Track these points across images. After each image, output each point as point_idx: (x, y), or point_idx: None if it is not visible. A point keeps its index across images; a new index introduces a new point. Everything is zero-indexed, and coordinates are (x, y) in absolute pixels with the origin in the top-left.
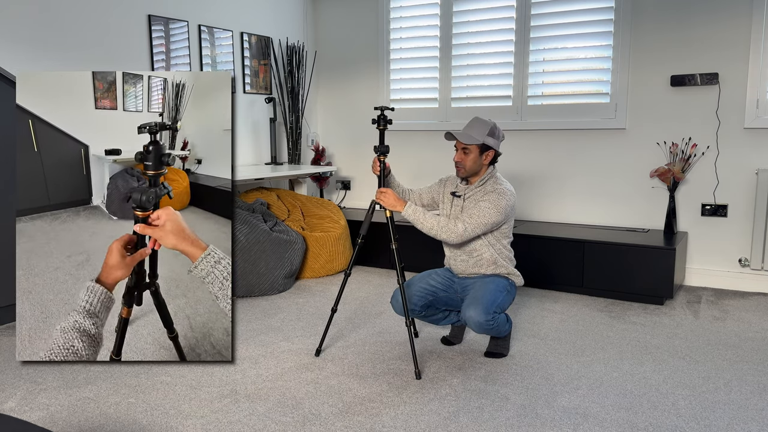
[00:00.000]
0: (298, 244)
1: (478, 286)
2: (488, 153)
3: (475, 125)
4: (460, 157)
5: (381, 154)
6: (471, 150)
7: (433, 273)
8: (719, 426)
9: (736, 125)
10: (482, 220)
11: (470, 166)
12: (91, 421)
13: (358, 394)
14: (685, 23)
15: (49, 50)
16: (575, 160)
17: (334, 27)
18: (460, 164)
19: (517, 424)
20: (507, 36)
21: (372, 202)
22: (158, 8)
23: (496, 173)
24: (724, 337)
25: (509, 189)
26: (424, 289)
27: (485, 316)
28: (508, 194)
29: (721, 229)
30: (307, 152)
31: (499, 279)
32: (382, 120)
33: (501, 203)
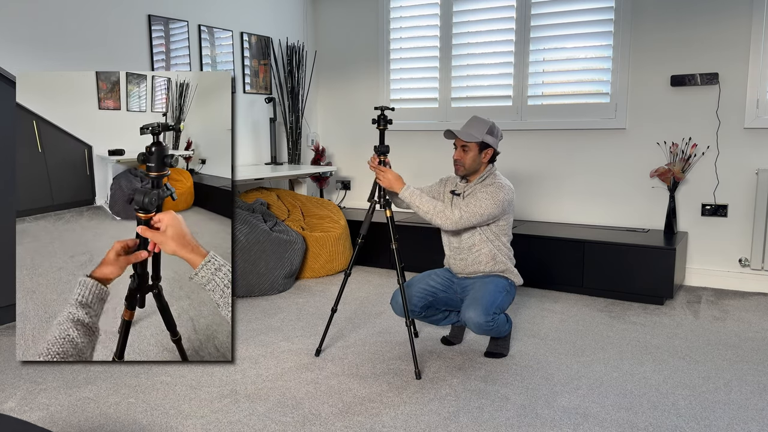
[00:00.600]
0: (298, 244)
1: (477, 287)
2: (487, 151)
3: (474, 123)
4: (459, 155)
5: (381, 154)
6: (470, 148)
7: (433, 274)
8: (719, 426)
9: (736, 125)
10: (479, 210)
11: (469, 163)
12: (91, 421)
13: (358, 394)
14: (685, 23)
15: (49, 50)
16: (575, 160)
17: (334, 27)
18: (459, 162)
19: (517, 424)
20: (507, 36)
21: (372, 201)
22: (158, 8)
23: (495, 171)
24: (724, 337)
25: (508, 184)
26: (424, 290)
27: (485, 317)
28: (506, 188)
29: (721, 229)
30: (307, 152)
31: (498, 279)
32: (382, 120)
33: (499, 196)
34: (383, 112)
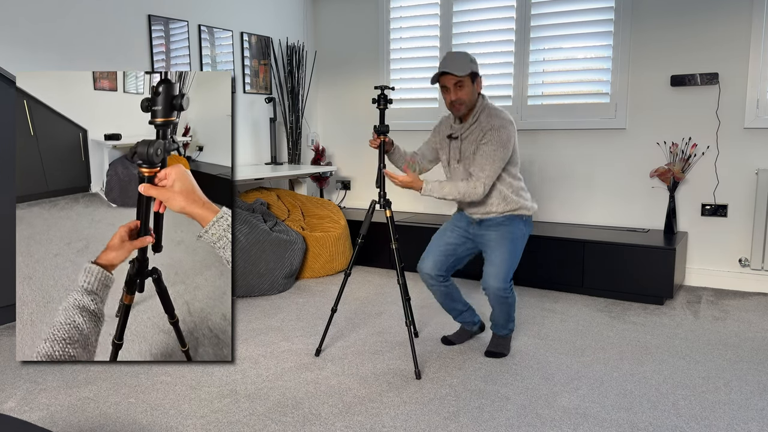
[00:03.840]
0: (298, 244)
1: (494, 245)
2: (478, 79)
3: (456, 58)
4: (456, 94)
5: (381, 133)
6: (464, 83)
7: (447, 230)
8: (719, 426)
9: (736, 125)
10: (494, 165)
11: (469, 98)
12: (91, 421)
13: (358, 394)
14: (685, 23)
15: (49, 50)
16: (575, 160)
17: (334, 27)
18: (458, 101)
19: (517, 424)
20: (507, 36)
21: (372, 201)
22: (158, 8)
23: (486, 102)
24: (724, 337)
25: (506, 118)
26: (444, 251)
27: (504, 284)
28: (506, 124)
29: (721, 229)
30: (307, 152)
31: (513, 226)
32: (382, 99)
33: (503, 137)
34: (383, 92)
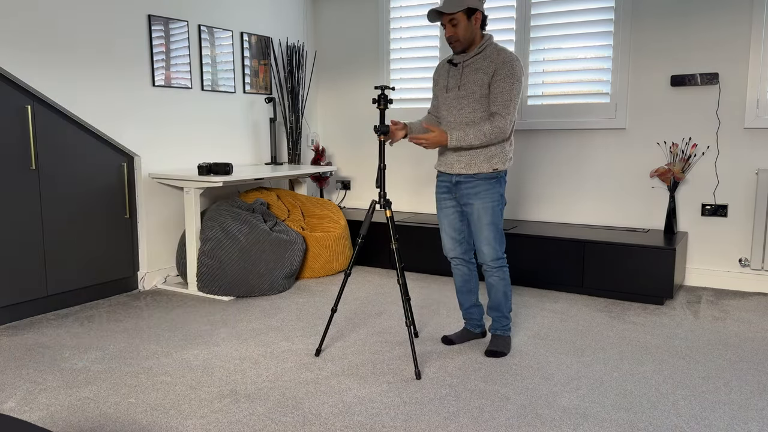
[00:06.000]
0: (298, 244)
1: (477, 221)
2: (476, 16)
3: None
4: (450, 31)
5: (381, 133)
6: (458, 19)
7: (445, 217)
8: (719, 426)
9: (736, 125)
10: (512, 100)
11: (463, 34)
12: (91, 421)
13: (358, 394)
14: (685, 23)
15: (49, 50)
16: (575, 159)
17: (334, 27)
18: (453, 38)
19: (517, 424)
20: (507, 36)
21: (372, 201)
22: (158, 8)
23: (493, 40)
24: (724, 337)
25: (512, 54)
26: (457, 236)
27: (500, 254)
28: (514, 58)
29: (721, 229)
30: (307, 152)
31: (488, 199)
32: (383, 99)
33: (516, 71)
34: (383, 92)
